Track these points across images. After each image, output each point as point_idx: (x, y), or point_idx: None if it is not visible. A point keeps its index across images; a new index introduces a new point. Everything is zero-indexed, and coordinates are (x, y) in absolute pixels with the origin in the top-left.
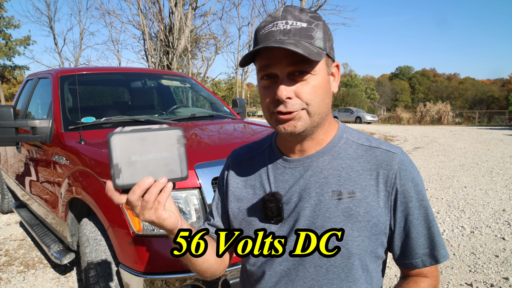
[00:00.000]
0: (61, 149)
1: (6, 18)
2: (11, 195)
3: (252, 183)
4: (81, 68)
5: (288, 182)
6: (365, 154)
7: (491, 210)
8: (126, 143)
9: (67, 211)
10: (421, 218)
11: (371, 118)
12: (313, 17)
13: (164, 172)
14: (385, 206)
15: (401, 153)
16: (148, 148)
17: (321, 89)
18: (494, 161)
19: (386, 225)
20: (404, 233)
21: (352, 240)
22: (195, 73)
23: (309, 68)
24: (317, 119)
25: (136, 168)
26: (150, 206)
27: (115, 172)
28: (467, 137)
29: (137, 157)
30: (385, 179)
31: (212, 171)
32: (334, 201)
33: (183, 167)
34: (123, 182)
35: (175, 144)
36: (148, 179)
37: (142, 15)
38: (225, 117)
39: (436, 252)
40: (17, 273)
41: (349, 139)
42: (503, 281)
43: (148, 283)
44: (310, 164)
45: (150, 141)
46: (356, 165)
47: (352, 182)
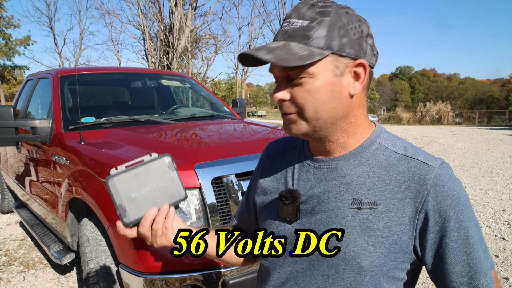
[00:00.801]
0: (61, 149)
1: (6, 18)
2: (11, 195)
3: (278, 177)
4: (81, 68)
5: (310, 182)
6: (397, 163)
7: (491, 210)
8: (123, 183)
9: (67, 211)
10: (460, 242)
11: (371, 118)
12: (320, 13)
13: (164, 199)
14: (410, 223)
15: (440, 166)
16: (144, 182)
17: (318, 93)
18: (494, 161)
19: (408, 244)
20: (438, 257)
21: (366, 254)
22: (195, 73)
23: (299, 72)
24: (318, 124)
25: (139, 203)
26: (160, 233)
27: (120, 213)
28: (467, 137)
29: (136, 193)
30: (415, 194)
31: (212, 171)
32: (353, 210)
33: (179, 189)
34: (131, 219)
35: (167, 171)
36: (153, 210)
37: (142, 15)
38: (225, 117)
39: (477, 281)
40: (17, 273)
41: (382, 145)
42: (503, 281)
43: (148, 283)
44: (335, 167)
45: (144, 174)
46: (385, 174)
47: (376, 192)
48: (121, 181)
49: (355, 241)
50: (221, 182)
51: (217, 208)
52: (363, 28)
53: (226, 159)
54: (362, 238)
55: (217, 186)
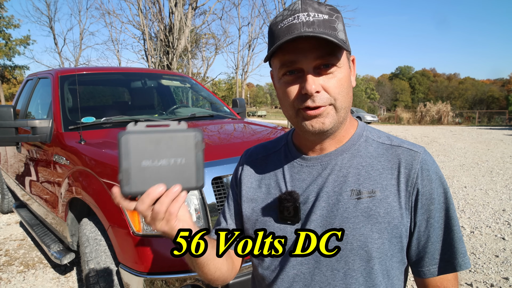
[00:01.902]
0: (61, 149)
1: (6, 18)
2: (11, 195)
3: (267, 182)
4: (81, 68)
5: (305, 181)
6: (386, 152)
7: (491, 210)
8: (138, 145)
9: (67, 211)
10: (441, 222)
11: (371, 118)
12: (332, 10)
13: (178, 180)
14: (406, 207)
15: (424, 152)
16: (162, 152)
17: (346, 82)
18: (494, 161)
19: (406, 227)
20: (424, 237)
21: (372, 242)
22: (195, 73)
23: (335, 60)
24: (343, 114)
25: (147, 174)
26: (161, 217)
27: (123, 178)
28: (467, 137)
29: (149, 162)
30: (406, 178)
31: (212, 171)
32: (353, 201)
33: (199, 175)
34: (131, 190)
35: (192, 149)
36: (159, 187)
37: (142, 15)
38: (225, 117)
39: (455, 260)
40: (17, 273)
41: (369, 137)
42: (503, 281)
43: (148, 283)
44: (329, 162)
45: (165, 144)
46: (377, 163)
47: (372, 181)
48: (137, 141)
49: (360, 230)
50: (221, 182)
51: (217, 208)
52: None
53: (226, 159)
54: (367, 227)
55: (217, 186)
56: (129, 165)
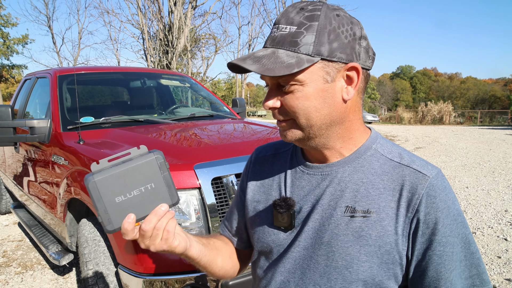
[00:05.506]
0: (59, 149)
1: (4, 17)
2: (9, 195)
3: (270, 183)
4: (79, 67)
5: (304, 189)
6: (392, 171)
7: (493, 211)
8: (107, 186)
9: (65, 211)
10: (444, 257)
11: (372, 118)
12: (308, 17)
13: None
14: (403, 234)
15: (435, 176)
16: (131, 185)
17: (309, 100)
18: (496, 161)
19: (402, 255)
20: (420, 269)
21: (358, 264)
22: (195, 73)
23: (290, 80)
24: (313, 131)
25: (124, 207)
26: (160, 236)
27: (103, 219)
28: (469, 137)
29: (121, 197)
30: (408, 203)
31: (211, 171)
32: (346, 218)
33: (172, 193)
34: (115, 227)
35: (158, 172)
36: (163, 206)
37: (141, 14)
38: (225, 117)
39: None
40: (15, 274)
41: (377, 151)
42: (506, 283)
43: (148, 284)
44: (329, 173)
45: (131, 176)
46: (379, 182)
47: (369, 200)
48: (105, 183)
49: (348, 250)
50: (221, 182)
51: (216, 208)
52: (356, 30)
53: (226, 159)
54: (355, 247)
55: (216, 186)
56: (104, 207)
